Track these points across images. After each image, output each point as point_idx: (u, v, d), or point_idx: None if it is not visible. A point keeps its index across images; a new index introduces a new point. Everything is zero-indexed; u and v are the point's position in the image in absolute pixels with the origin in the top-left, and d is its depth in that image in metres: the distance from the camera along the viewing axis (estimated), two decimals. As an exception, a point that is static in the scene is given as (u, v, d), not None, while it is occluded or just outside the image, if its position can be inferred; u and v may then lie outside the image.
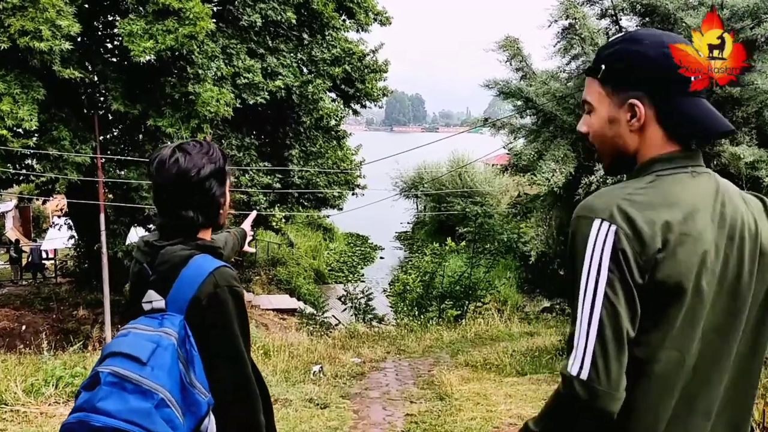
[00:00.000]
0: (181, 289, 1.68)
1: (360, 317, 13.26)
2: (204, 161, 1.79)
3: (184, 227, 1.79)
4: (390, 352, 10.12)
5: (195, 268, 1.71)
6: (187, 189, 1.76)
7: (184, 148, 1.81)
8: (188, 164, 1.76)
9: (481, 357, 8.83)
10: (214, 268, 1.71)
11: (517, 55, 6.87)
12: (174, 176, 1.75)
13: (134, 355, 1.55)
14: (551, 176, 5.92)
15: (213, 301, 1.68)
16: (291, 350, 9.35)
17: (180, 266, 1.72)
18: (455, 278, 13.88)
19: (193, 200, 1.77)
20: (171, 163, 1.76)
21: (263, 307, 21.67)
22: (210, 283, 1.68)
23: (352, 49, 20.96)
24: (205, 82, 16.03)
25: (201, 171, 1.77)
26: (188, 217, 1.78)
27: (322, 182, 21.57)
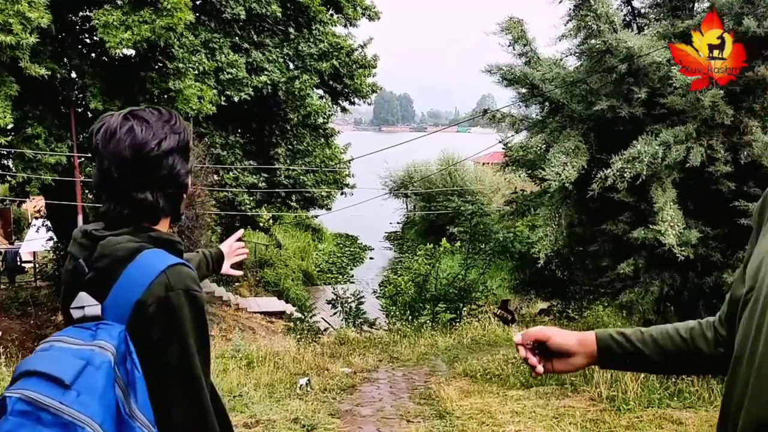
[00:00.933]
0: (123, 292, 1.35)
1: (350, 321, 12.61)
2: (166, 131, 1.47)
3: (139, 215, 1.45)
4: (382, 361, 9.50)
5: (142, 265, 1.37)
6: (145, 166, 1.42)
7: (139, 115, 1.48)
8: (146, 135, 1.43)
9: (480, 366, 8.22)
10: (167, 266, 1.37)
11: (521, 39, 6.28)
12: (128, 149, 1.41)
13: (55, 376, 1.20)
14: (562, 170, 5.34)
15: (163, 307, 1.34)
16: (276, 360, 8.70)
17: (124, 262, 1.37)
18: (449, 280, 13.28)
19: (153, 180, 1.44)
20: (124, 133, 1.42)
21: (250, 310, 21.18)
22: (160, 285, 1.34)
23: (339, 43, 20.34)
24: (186, 77, 15.35)
25: (162, 143, 1.45)
26: (146, 202, 1.44)
27: (310, 181, 20.93)
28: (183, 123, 1.55)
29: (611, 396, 5.82)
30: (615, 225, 5.69)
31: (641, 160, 5.02)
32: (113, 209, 1.44)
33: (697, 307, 6.00)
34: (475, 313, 13.59)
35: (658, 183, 5.24)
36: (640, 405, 5.57)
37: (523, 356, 1.35)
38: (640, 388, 5.78)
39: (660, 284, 5.71)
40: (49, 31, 14.37)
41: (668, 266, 5.76)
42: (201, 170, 11.98)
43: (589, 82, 5.78)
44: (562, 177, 5.31)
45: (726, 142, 5.27)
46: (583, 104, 5.95)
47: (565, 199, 5.89)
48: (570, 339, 1.30)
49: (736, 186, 5.34)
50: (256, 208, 20.28)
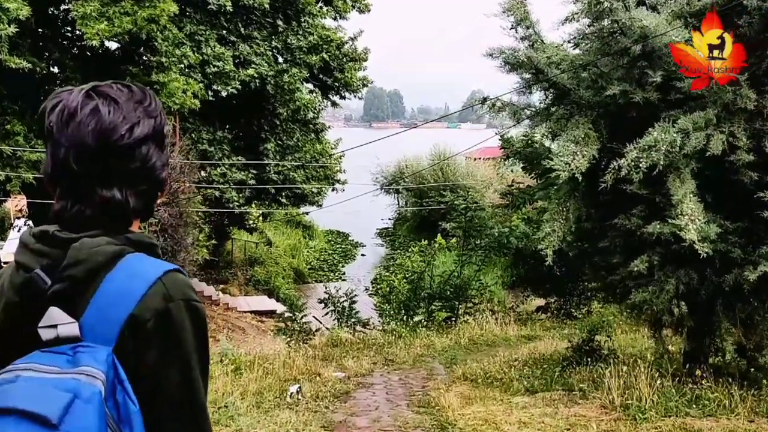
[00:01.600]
0: (108, 305, 1.10)
1: (343, 321, 12.18)
2: (139, 114, 1.21)
3: (106, 216, 1.18)
4: (377, 363, 9.08)
5: (130, 271, 1.13)
6: (113, 156, 1.17)
7: (105, 92, 1.20)
8: (115, 117, 1.18)
9: (480, 369, 7.83)
10: (162, 272, 1.14)
11: (525, 20, 5.86)
12: (92, 135, 1.16)
13: (37, 414, 0.97)
14: (571, 160, 4.92)
15: (163, 322, 1.12)
16: (265, 365, 8.26)
17: (104, 269, 1.12)
18: (444, 277, 12.88)
19: (122, 174, 1.19)
20: (87, 115, 1.16)
21: (240, 309, 20.79)
22: (157, 295, 1.12)
23: (329, 36, 19.85)
24: (170, 71, 14.84)
25: (135, 129, 1.19)
26: (113, 201, 1.18)
27: (300, 177, 20.45)
28: (158, 104, 1.28)
29: (625, 403, 5.42)
30: (627, 219, 5.28)
31: (658, 148, 4.61)
32: (71, 209, 1.17)
33: (714, 306, 5.62)
34: (471, 311, 13.22)
35: (675, 174, 4.84)
36: (657, 413, 5.18)
37: None
38: (656, 395, 5.39)
39: (675, 282, 5.32)
40: (29, 24, 13.87)
41: (684, 263, 5.37)
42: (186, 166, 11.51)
43: (599, 65, 5.37)
44: (572, 167, 4.90)
45: (748, 129, 4.88)
46: (592, 90, 5.54)
47: (573, 192, 5.48)
48: None
49: (759, 176, 4.95)
50: (245, 206, 19.80)
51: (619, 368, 6.25)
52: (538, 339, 10.95)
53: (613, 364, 6.87)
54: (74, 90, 1.21)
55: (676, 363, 6.31)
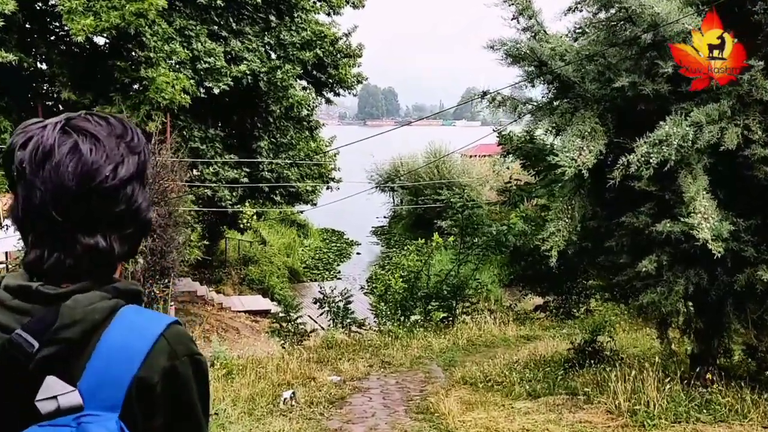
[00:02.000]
0: (109, 367, 0.99)
1: (338, 322, 11.91)
2: (122, 151, 1.09)
3: (90, 265, 1.06)
4: (373, 366, 8.84)
5: (128, 328, 1.02)
6: (96, 200, 1.04)
7: (84, 128, 1.07)
8: (97, 157, 1.05)
9: (480, 372, 7.59)
10: (164, 327, 1.04)
11: (527, 10, 5.61)
12: (73, 178, 1.03)
13: None
14: (578, 155, 4.68)
15: (171, 383, 1.02)
16: (258, 369, 8.00)
17: (100, 328, 1.02)
18: (441, 277, 12.63)
19: (106, 219, 1.07)
20: (66, 154, 1.03)
21: (234, 309, 20.60)
22: (163, 353, 1.02)
23: (323, 32, 19.55)
24: (158, 66, 14.53)
25: (119, 169, 1.07)
26: (97, 248, 1.05)
27: (294, 176, 20.16)
28: (141, 138, 1.16)
29: (632, 409, 5.20)
30: (635, 218, 5.05)
31: (670, 143, 4.38)
32: (49, 258, 1.05)
33: (724, 307, 5.40)
34: (468, 310, 12.99)
35: (687, 169, 4.61)
36: (666, 419, 4.96)
37: None
38: (665, 400, 5.16)
39: (685, 283, 5.09)
40: (15, 19, 13.57)
41: (693, 263, 5.14)
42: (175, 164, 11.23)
43: (607, 55, 5.13)
44: (578, 163, 4.66)
45: (764, 122, 4.65)
46: (598, 82, 5.30)
47: (579, 189, 5.24)
48: None
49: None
50: (239, 205, 19.50)
51: (625, 371, 6.03)
52: (538, 339, 10.73)
53: (618, 366, 6.65)
54: (47, 124, 1.06)
55: (683, 365, 6.09)
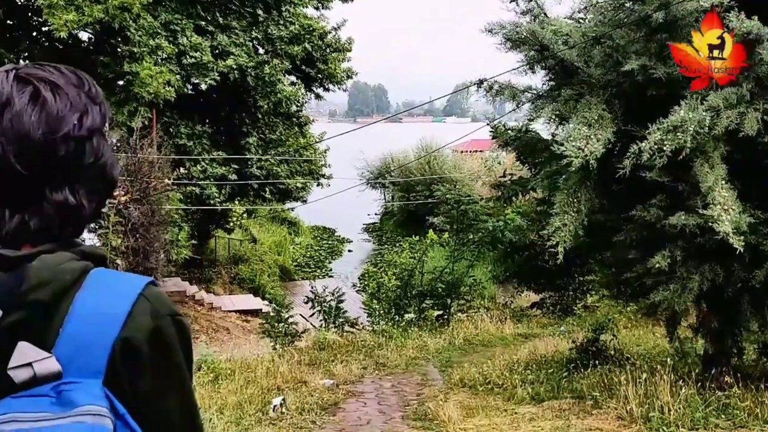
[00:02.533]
0: (87, 331, 0.89)
1: (330, 322, 11.56)
2: (84, 101, 0.95)
3: (59, 225, 0.93)
4: (367, 368, 8.50)
5: (104, 289, 0.92)
6: (66, 151, 0.93)
7: (42, 76, 0.94)
8: (62, 105, 0.93)
9: (479, 373, 7.27)
10: (143, 286, 0.95)
11: (527, -10, 5.30)
12: (38, 127, 0.90)
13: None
14: (585, 144, 4.37)
15: (157, 343, 0.94)
16: (247, 374, 7.65)
17: (72, 289, 0.91)
18: (436, 274, 12.31)
19: (75, 173, 0.95)
20: (27, 103, 0.91)
21: (224, 308, 20.25)
22: (145, 313, 0.93)
23: (312, 26, 19.17)
24: (143, 60, 14.12)
25: (84, 118, 0.94)
26: (67, 205, 0.93)
27: (284, 172, 19.78)
28: (99, 89, 1.02)
29: (646, 415, 4.88)
30: (646, 211, 4.74)
31: (685, 129, 4.07)
32: (11, 219, 0.92)
33: (740, 305, 5.10)
34: (464, 308, 12.69)
35: (703, 158, 4.30)
36: (682, 426, 4.65)
37: None
38: (681, 405, 4.85)
39: (700, 279, 4.79)
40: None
41: (708, 258, 4.84)
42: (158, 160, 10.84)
43: (617, 36, 4.80)
44: (586, 153, 4.34)
45: (785, 106, 4.35)
46: (604, 67, 4.98)
47: (585, 181, 4.92)
48: None
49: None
50: (228, 202, 19.10)
51: (636, 373, 5.73)
52: (536, 337, 10.44)
53: (624, 366, 6.35)
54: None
55: (695, 366, 5.80)
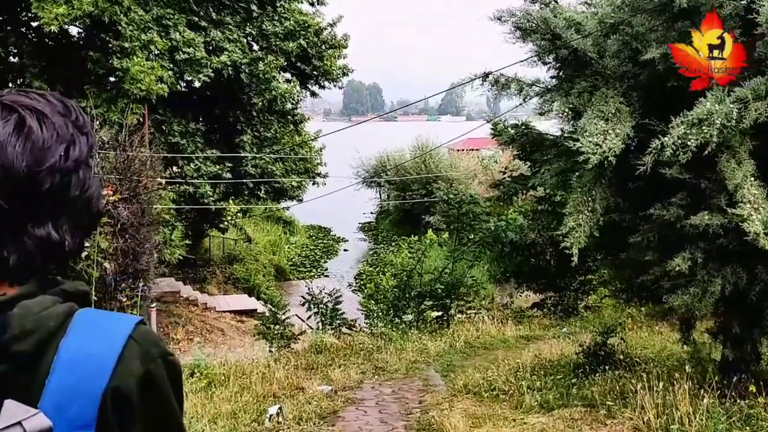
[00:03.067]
0: (75, 379, 0.82)
1: (327, 323, 11.26)
2: (71, 131, 0.90)
3: (40, 263, 0.87)
4: (366, 373, 8.22)
5: (90, 333, 0.86)
6: (47, 185, 0.86)
7: (27, 103, 0.88)
8: (47, 136, 0.87)
9: (483, 378, 7.00)
10: (131, 329, 0.87)
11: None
12: (23, 159, 0.85)
13: None
14: (602, 140, 4.09)
15: (148, 389, 0.87)
16: (242, 380, 7.35)
17: (56, 336, 0.84)
18: (435, 275, 12.03)
19: (59, 207, 0.88)
20: (12, 133, 0.85)
21: (219, 309, 19.93)
22: (135, 358, 0.86)
23: (307, 21, 18.84)
24: (134, 55, 13.78)
25: (71, 150, 0.89)
26: (49, 241, 0.87)
27: (279, 171, 19.44)
28: (86, 117, 0.94)
29: (665, 426, 4.61)
30: (665, 210, 4.46)
31: (711, 122, 3.80)
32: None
33: (763, 309, 4.83)
34: (463, 309, 12.42)
35: (729, 153, 4.03)
36: (705, 439, 4.38)
37: None
38: (702, 416, 4.58)
39: (722, 282, 4.51)
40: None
41: (730, 259, 4.56)
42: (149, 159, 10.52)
43: (637, 23, 4.52)
44: (604, 149, 4.07)
45: (816, 98, 4.08)
46: (620, 57, 4.70)
47: (600, 179, 4.64)
48: None
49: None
50: (221, 201, 18.77)
51: (651, 380, 5.46)
52: (539, 340, 10.17)
53: (635, 371, 6.09)
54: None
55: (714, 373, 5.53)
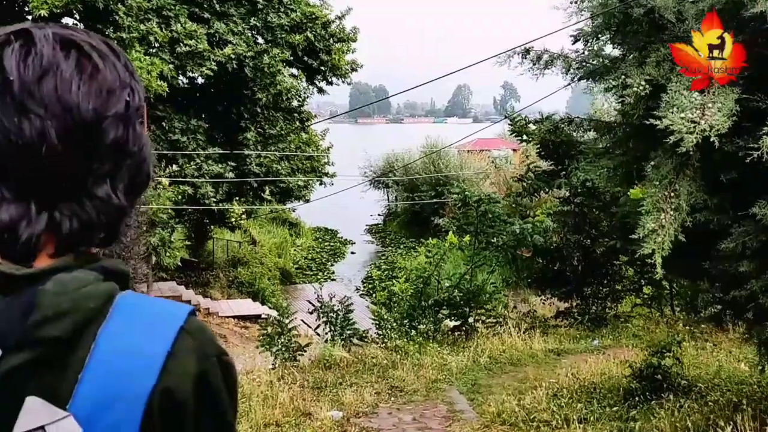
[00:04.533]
0: (116, 379, 0.68)
1: (336, 334, 10.30)
2: (129, 77, 0.76)
3: (102, 225, 0.74)
4: (381, 394, 7.28)
5: (135, 321, 0.71)
6: (114, 135, 0.72)
7: (86, 41, 0.73)
8: (114, 80, 0.73)
9: (518, 405, 6.05)
10: (184, 320, 0.73)
11: None
12: (92, 102, 0.70)
13: None
14: (699, 115, 3.17)
15: (203, 393, 0.73)
16: (240, 403, 6.44)
17: (95, 321, 0.70)
18: (453, 281, 11.09)
19: (120, 162, 0.74)
20: (74, 69, 0.70)
21: (222, 314, 19.09)
22: (189, 354, 0.72)
23: (314, 13, 18.01)
24: (132, 48, 12.95)
25: (134, 96, 0.76)
26: (113, 203, 0.74)
27: (285, 170, 18.56)
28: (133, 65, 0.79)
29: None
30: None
31: None
32: (38, 218, 0.69)
33: None
34: (483, 318, 11.46)
35: None
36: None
37: None
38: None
39: (840, 300, 3.57)
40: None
41: None
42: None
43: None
44: (703, 126, 3.15)
45: None
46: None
47: (683, 169, 3.72)
48: None
49: None
50: (224, 202, 17.90)
51: (716, 410, 4.53)
52: (569, 354, 9.22)
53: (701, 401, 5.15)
54: (33, 29, 0.70)
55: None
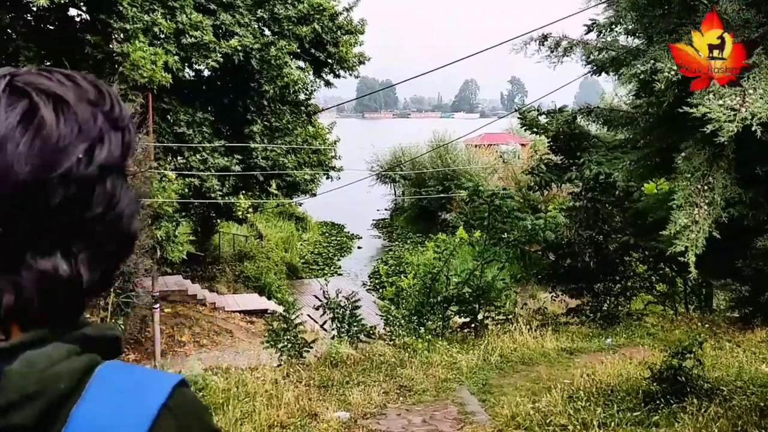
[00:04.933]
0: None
1: (343, 331, 10.08)
2: (101, 125, 0.67)
3: (43, 303, 0.65)
4: (389, 393, 7.07)
5: (112, 399, 0.64)
6: (62, 197, 0.64)
7: (44, 86, 0.65)
8: (68, 132, 0.65)
9: (533, 408, 5.82)
10: (167, 395, 0.66)
11: None
12: (29, 160, 0.63)
13: None
14: (740, 102, 2.92)
15: None
16: (244, 403, 6.22)
17: (69, 401, 0.63)
18: (463, 278, 10.85)
19: (75, 227, 0.66)
20: (17, 126, 0.63)
21: (228, 308, 18.99)
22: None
23: (321, 5, 17.71)
24: (136, 39, 12.71)
25: (97, 150, 0.66)
26: (60, 276, 0.65)
27: (292, 163, 18.32)
28: (124, 108, 0.70)
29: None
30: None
31: None
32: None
33: None
34: (493, 315, 11.23)
35: None
36: None
37: None
38: None
39: None
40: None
41: None
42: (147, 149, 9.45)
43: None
44: (743, 114, 2.90)
45: None
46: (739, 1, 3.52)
47: (716, 161, 3.46)
48: None
49: None
50: (230, 195, 17.69)
51: (743, 415, 4.29)
52: (582, 353, 8.97)
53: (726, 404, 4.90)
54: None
55: None
